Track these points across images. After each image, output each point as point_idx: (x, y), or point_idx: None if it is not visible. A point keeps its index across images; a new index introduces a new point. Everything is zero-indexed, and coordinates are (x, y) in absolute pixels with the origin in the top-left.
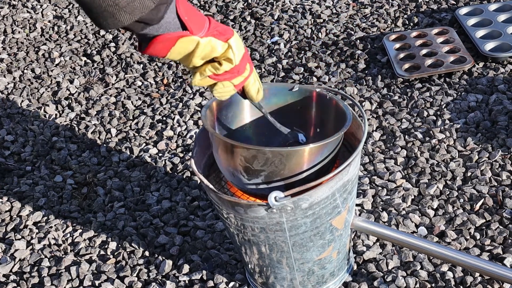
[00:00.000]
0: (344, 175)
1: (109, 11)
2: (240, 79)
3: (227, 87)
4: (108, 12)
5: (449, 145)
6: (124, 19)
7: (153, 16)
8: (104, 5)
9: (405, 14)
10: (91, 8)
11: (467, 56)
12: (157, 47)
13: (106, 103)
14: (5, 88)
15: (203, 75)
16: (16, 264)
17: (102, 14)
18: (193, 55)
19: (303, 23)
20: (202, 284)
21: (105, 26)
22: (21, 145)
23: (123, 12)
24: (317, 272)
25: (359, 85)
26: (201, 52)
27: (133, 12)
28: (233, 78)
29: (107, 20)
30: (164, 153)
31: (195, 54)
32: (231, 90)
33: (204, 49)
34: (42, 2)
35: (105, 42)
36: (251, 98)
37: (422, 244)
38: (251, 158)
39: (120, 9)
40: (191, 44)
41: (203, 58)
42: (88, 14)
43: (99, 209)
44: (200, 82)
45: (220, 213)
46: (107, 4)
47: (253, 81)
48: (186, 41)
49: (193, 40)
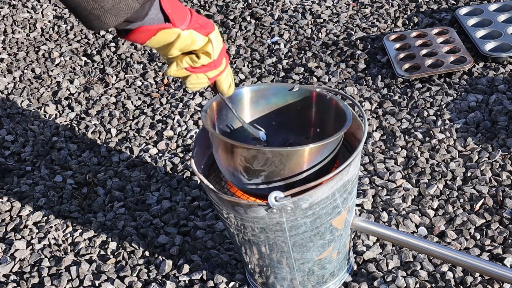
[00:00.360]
0: (344, 175)
1: (95, 14)
2: (215, 72)
3: (201, 79)
4: (94, 15)
5: (449, 145)
6: (109, 21)
7: (137, 14)
8: (89, 7)
9: (405, 14)
10: (76, 10)
11: (467, 56)
12: (138, 36)
13: (106, 103)
14: (5, 88)
15: (180, 66)
16: (16, 264)
17: (88, 17)
18: (173, 46)
19: (303, 23)
20: (202, 284)
21: (91, 28)
22: (21, 145)
23: (108, 14)
24: (317, 272)
25: (359, 85)
26: (181, 44)
27: (118, 14)
28: (208, 71)
29: (92, 22)
30: (164, 153)
31: (174, 45)
32: (205, 82)
33: (184, 41)
34: (42, 2)
35: (105, 42)
36: (221, 92)
37: (422, 244)
38: (251, 158)
39: (105, 11)
40: (172, 36)
41: (181, 49)
42: (75, 15)
43: (99, 209)
44: (175, 72)
45: (220, 213)
46: (92, 7)
47: (225, 76)
48: (167, 33)
49: (174, 32)
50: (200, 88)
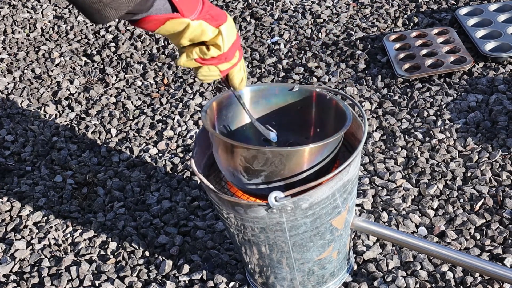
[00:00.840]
0: (344, 175)
1: (95, 8)
2: (227, 65)
3: (213, 71)
4: (94, 9)
5: (449, 145)
6: (110, 15)
7: (141, 6)
8: (89, 1)
9: (405, 14)
10: (78, 5)
11: (467, 56)
12: (146, 25)
13: (106, 103)
14: (5, 88)
15: (190, 57)
16: (16, 264)
17: (89, 11)
18: (182, 35)
19: (303, 23)
20: (202, 284)
21: (94, 21)
22: (21, 145)
23: (108, 8)
24: (317, 272)
25: (359, 85)
26: (190, 34)
27: (119, 7)
28: (220, 64)
29: (94, 16)
30: (164, 153)
31: (184, 35)
32: (216, 75)
33: (193, 31)
34: (42, 2)
35: (105, 42)
36: (233, 86)
37: (422, 244)
38: (251, 158)
39: (105, 5)
40: (181, 26)
41: (191, 40)
42: (77, 9)
43: (99, 209)
44: (185, 63)
45: (220, 213)
46: (91, 1)
47: (238, 69)
48: (176, 23)
49: (183, 22)
50: (211, 80)
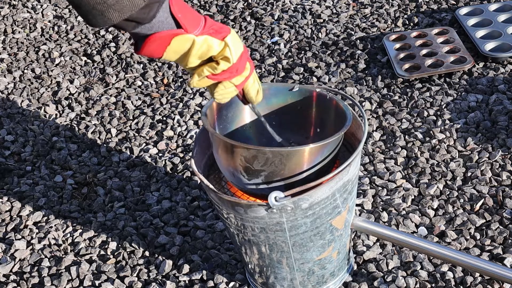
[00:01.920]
0: (344, 175)
1: (98, 9)
2: (241, 79)
3: (228, 88)
4: (97, 10)
5: (449, 145)
6: (113, 17)
7: (144, 15)
8: (93, 3)
9: (405, 14)
10: (80, 5)
11: (467, 56)
12: (152, 47)
13: (106, 103)
14: (5, 88)
15: (201, 75)
16: (16, 264)
17: (91, 12)
18: (189, 54)
19: (303, 23)
20: (202, 284)
21: (95, 24)
22: (21, 145)
23: (111, 10)
24: (317, 272)
25: (359, 85)
26: (198, 51)
27: (122, 10)
28: (233, 78)
29: (96, 18)
30: (164, 153)
31: (191, 53)
32: (233, 91)
33: (200, 48)
34: (42, 2)
35: (105, 42)
36: (250, 99)
37: (422, 244)
38: (251, 158)
39: (108, 7)
40: (187, 43)
41: (200, 57)
42: (77, 11)
43: (99, 209)
44: (198, 83)
45: (220, 213)
46: (95, 2)
47: (252, 82)
48: (182, 40)
49: (188, 38)
50: (228, 99)
